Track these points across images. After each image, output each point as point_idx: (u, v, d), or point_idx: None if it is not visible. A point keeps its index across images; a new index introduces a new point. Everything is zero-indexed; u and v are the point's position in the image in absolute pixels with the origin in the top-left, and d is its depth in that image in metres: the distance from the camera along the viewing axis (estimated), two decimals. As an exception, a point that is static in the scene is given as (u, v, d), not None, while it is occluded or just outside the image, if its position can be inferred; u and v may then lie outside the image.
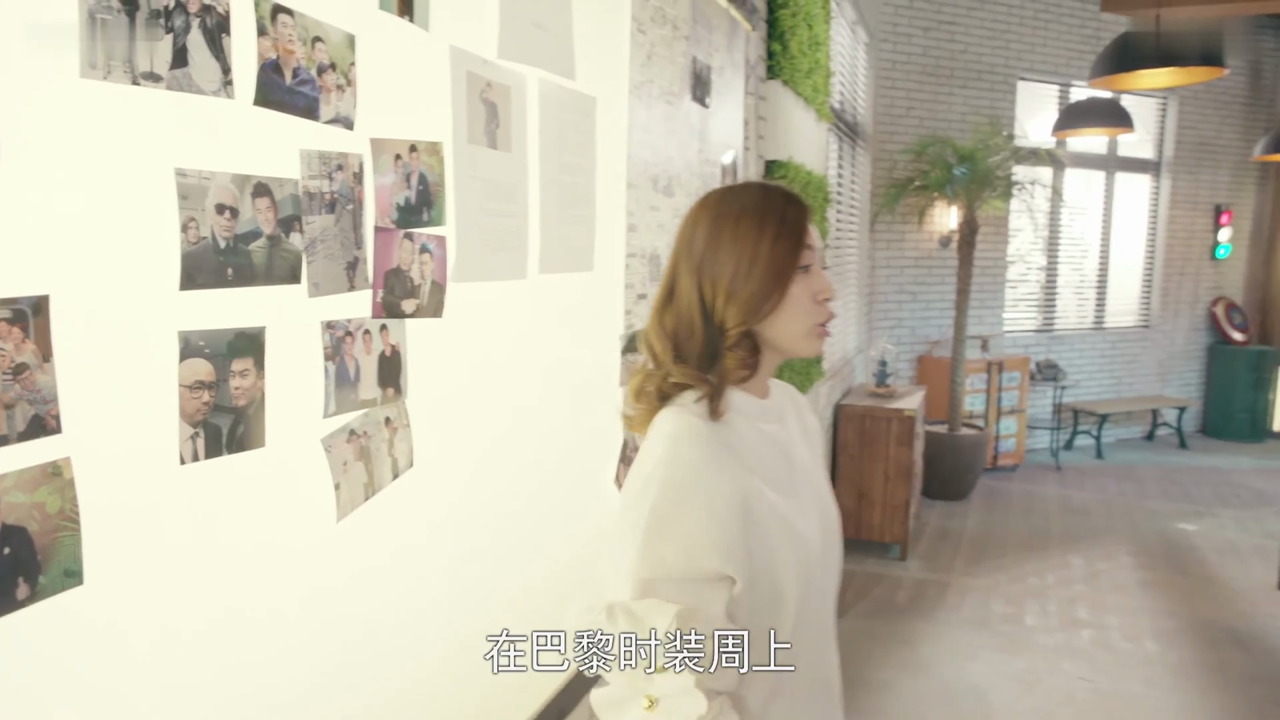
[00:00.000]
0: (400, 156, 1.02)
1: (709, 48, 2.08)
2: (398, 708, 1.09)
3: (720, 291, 0.97)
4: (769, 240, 0.97)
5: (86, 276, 0.69)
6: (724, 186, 1.06)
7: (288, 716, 0.91)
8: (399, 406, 1.04)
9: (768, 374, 1.06)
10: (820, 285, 1.01)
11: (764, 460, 0.99)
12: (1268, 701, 3.18)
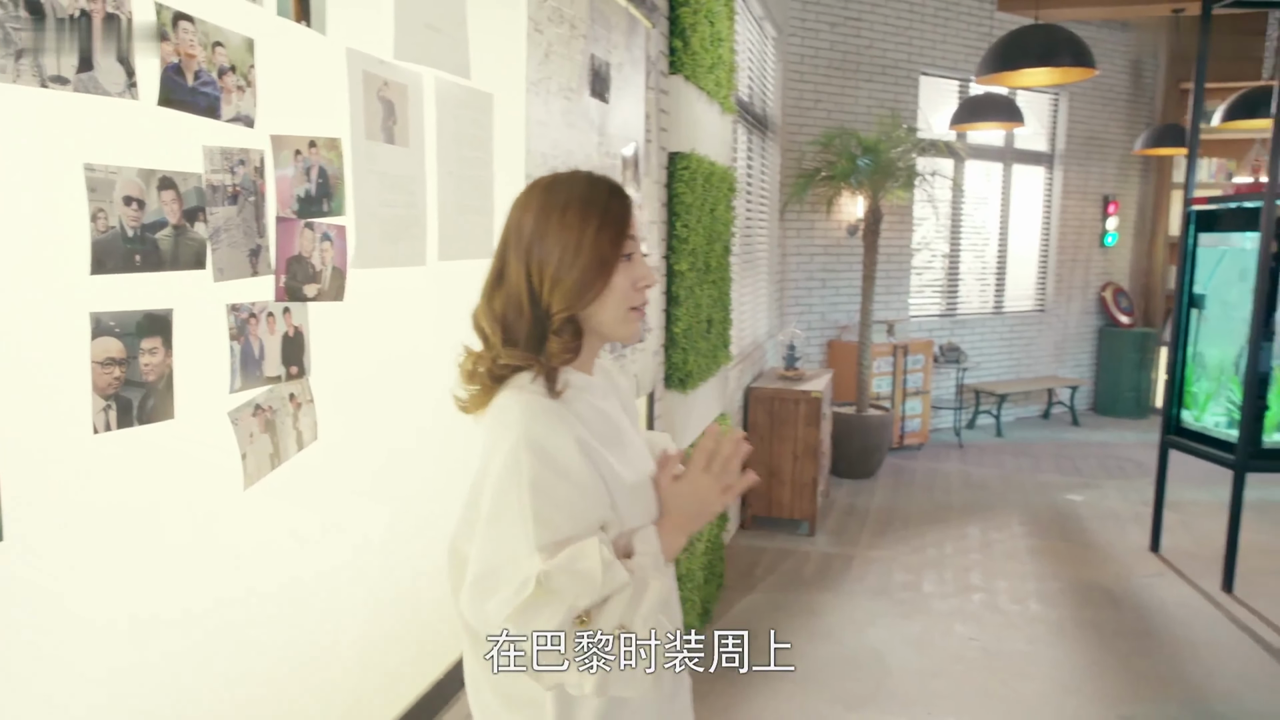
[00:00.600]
0: (300, 152, 1.09)
1: (608, 45, 2.18)
2: (305, 665, 1.17)
3: (547, 278, 1.04)
4: (593, 230, 1.05)
5: (2, 261, 0.76)
6: (552, 174, 1.12)
7: (199, 669, 0.99)
8: (303, 384, 1.12)
9: (592, 355, 1.14)
10: (641, 273, 1.09)
11: (597, 429, 1.08)
12: (1134, 654, 3.46)
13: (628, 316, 1.10)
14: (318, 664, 1.20)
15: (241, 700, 1.05)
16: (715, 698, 3.08)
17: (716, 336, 3.50)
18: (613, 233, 1.06)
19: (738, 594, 3.97)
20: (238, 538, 1.03)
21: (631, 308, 1.10)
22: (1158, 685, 3.22)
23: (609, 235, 1.06)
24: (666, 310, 2.97)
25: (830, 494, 5.49)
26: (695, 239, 3.03)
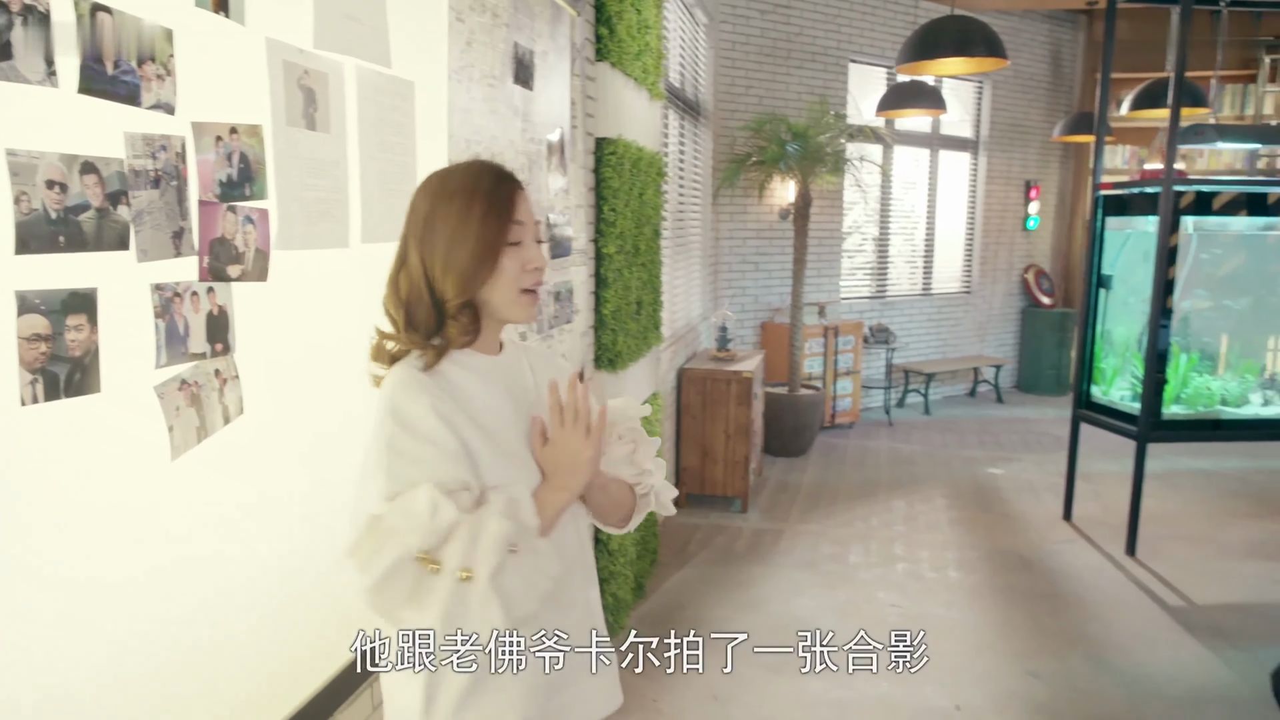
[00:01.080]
0: (221, 138, 1.14)
1: (531, 33, 2.24)
2: (230, 632, 1.23)
3: (438, 265, 1.11)
4: (477, 218, 1.11)
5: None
6: (446, 166, 1.19)
7: (127, 637, 1.04)
8: (228, 360, 1.17)
9: (493, 336, 1.21)
10: (529, 256, 1.15)
11: (479, 404, 1.13)
12: (1044, 613, 3.66)
13: (519, 299, 1.16)
14: (242, 632, 1.25)
15: (168, 666, 1.11)
16: (647, 664, 3.18)
17: (647, 318, 3.59)
18: (497, 219, 1.12)
19: (671, 569, 4.08)
20: (165, 508, 1.08)
21: (523, 290, 1.15)
22: (1063, 642, 3.42)
23: (494, 222, 1.12)
24: (595, 292, 3.05)
25: (763, 472, 5.64)
26: (623, 223, 3.11)
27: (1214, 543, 4.50)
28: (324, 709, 1.44)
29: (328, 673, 1.45)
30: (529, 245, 1.16)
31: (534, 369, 1.28)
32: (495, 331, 1.21)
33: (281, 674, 1.35)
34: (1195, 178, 4.76)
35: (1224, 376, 4.46)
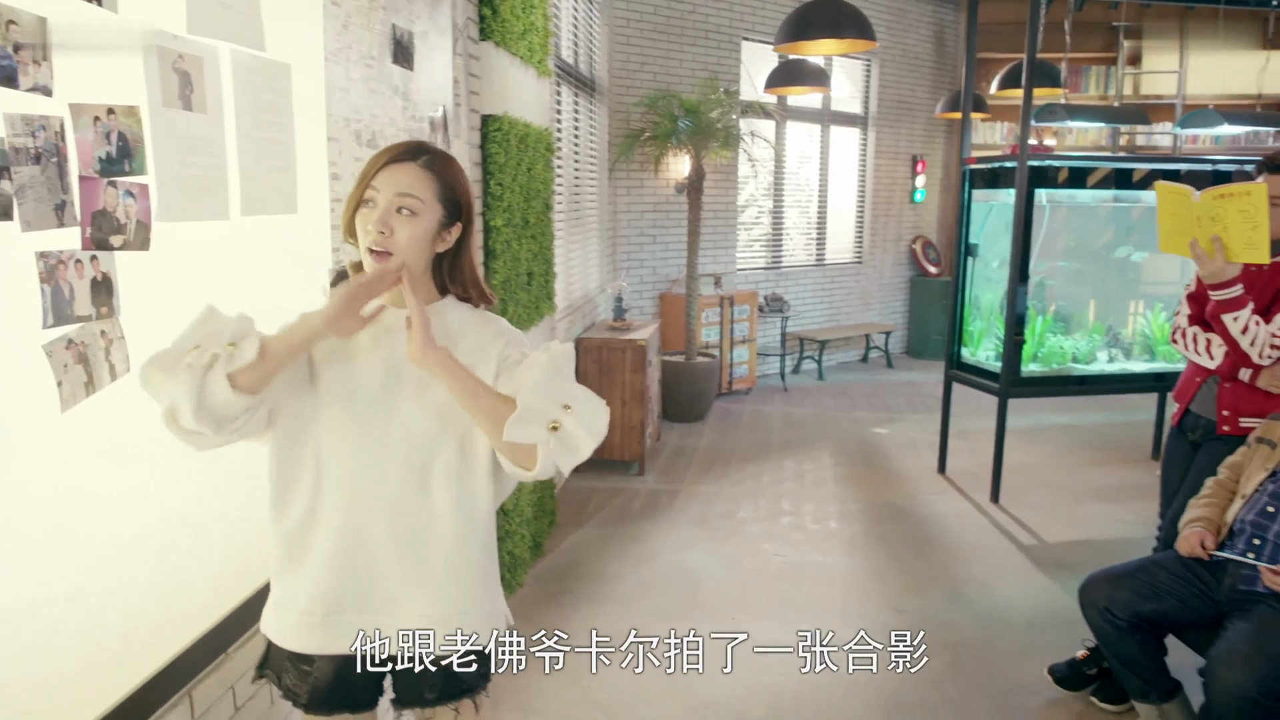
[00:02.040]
0: (99, 118, 1.24)
1: (410, 15, 2.35)
2: (111, 576, 1.35)
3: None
4: (360, 176, 1.35)
5: None
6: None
7: (12, 576, 1.15)
8: (113, 322, 1.28)
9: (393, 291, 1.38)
10: (374, 217, 1.31)
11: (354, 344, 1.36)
12: (912, 558, 3.98)
13: (367, 257, 1.33)
14: (122, 575, 1.37)
15: (62, 600, 1.22)
16: (543, 617, 3.37)
17: (538, 289, 3.73)
18: (359, 183, 1.34)
19: (569, 530, 4.26)
20: (56, 455, 1.19)
21: (369, 249, 1.32)
22: (928, 582, 3.74)
23: (357, 186, 1.34)
24: (485, 264, 3.17)
25: (661, 437, 5.86)
26: (511, 196, 3.24)
27: (1068, 489, 4.93)
28: (219, 644, 1.56)
29: (214, 615, 1.57)
30: (379, 208, 1.31)
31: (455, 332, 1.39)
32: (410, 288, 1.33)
33: (176, 609, 1.47)
34: (1046, 153, 5.13)
35: (1075, 336, 4.86)
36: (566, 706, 2.79)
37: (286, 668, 1.42)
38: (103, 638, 1.32)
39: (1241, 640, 2.10)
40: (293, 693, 1.43)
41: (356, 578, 1.38)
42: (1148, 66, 8.54)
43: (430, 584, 1.40)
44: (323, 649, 1.40)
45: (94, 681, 1.30)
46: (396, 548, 1.39)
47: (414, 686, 1.44)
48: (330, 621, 1.38)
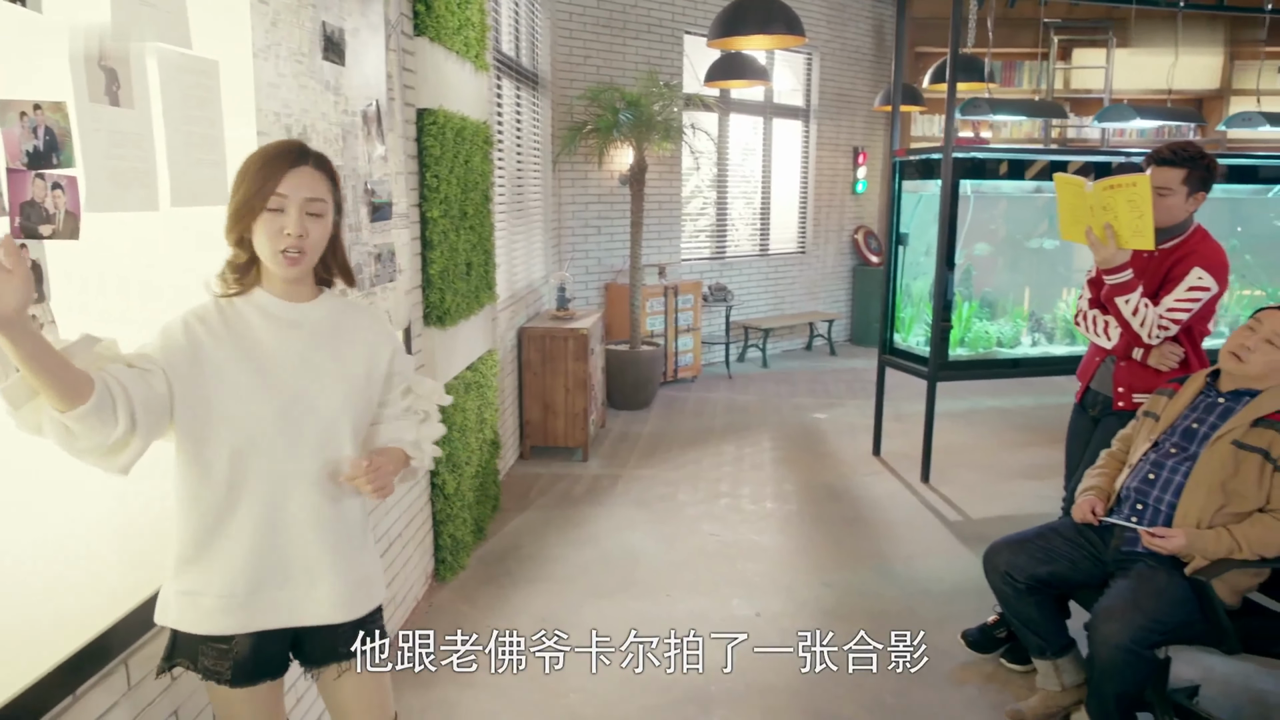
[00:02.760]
0: (25, 113, 1.31)
1: (340, 12, 2.42)
2: (59, 541, 1.42)
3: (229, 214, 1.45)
4: (241, 192, 1.42)
5: None
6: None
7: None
8: (43, 307, 1.35)
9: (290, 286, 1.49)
10: (284, 223, 1.42)
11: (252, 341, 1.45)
12: (843, 535, 4.15)
13: (277, 257, 1.44)
14: (65, 532, 1.45)
15: (25, 571, 1.30)
16: (484, 597, 3.47)
17: (478, 278, 3.81)
18: (259, 185, 1.41)
19: (513, 514, 4.36)
20: (-9, 433, 1.26)
21: (280, 250, 1.43)
22: (857, 557, 3.90)
23: (254, 187, 1.42)
24: (422, 254, 3.25)
25: (606, 424, 5.97)
26: (447, 188, 3.32)
27: (994, 468, 5.14)
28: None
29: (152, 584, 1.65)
30: (288, 214, 1.42)
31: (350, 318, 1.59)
32: (277, 283, 1.48)
33: (115, 570, 1.55)
34: (971, 145, 5.33)
35: (1000, 322, 5.07)
36: (504, 677, 2.90)
37: (203, 651, 1.50)
38: (40, 600, 1.39)
39: (1119, 596, 2.27)
40: (214, 672, 1.51)
41: (278, 556, 1.50)
42: (1077, 62, 8.84)
43: (343, 554, 1.55)
44: (244, 627, 1.49)
45: (40, 638, 1.38)
46: (314, 525, 1.51)
47: (329, 645, 1.58)
48: (252, 601, 1.49)
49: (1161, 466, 2.43)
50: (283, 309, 1.49)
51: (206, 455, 1.43)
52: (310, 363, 1.49)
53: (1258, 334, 2.33)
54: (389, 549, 2.98)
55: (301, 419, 1.47)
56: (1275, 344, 2.29)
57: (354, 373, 1.55)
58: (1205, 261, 2.77)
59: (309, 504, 1.50)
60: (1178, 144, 2.82)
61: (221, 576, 1.46)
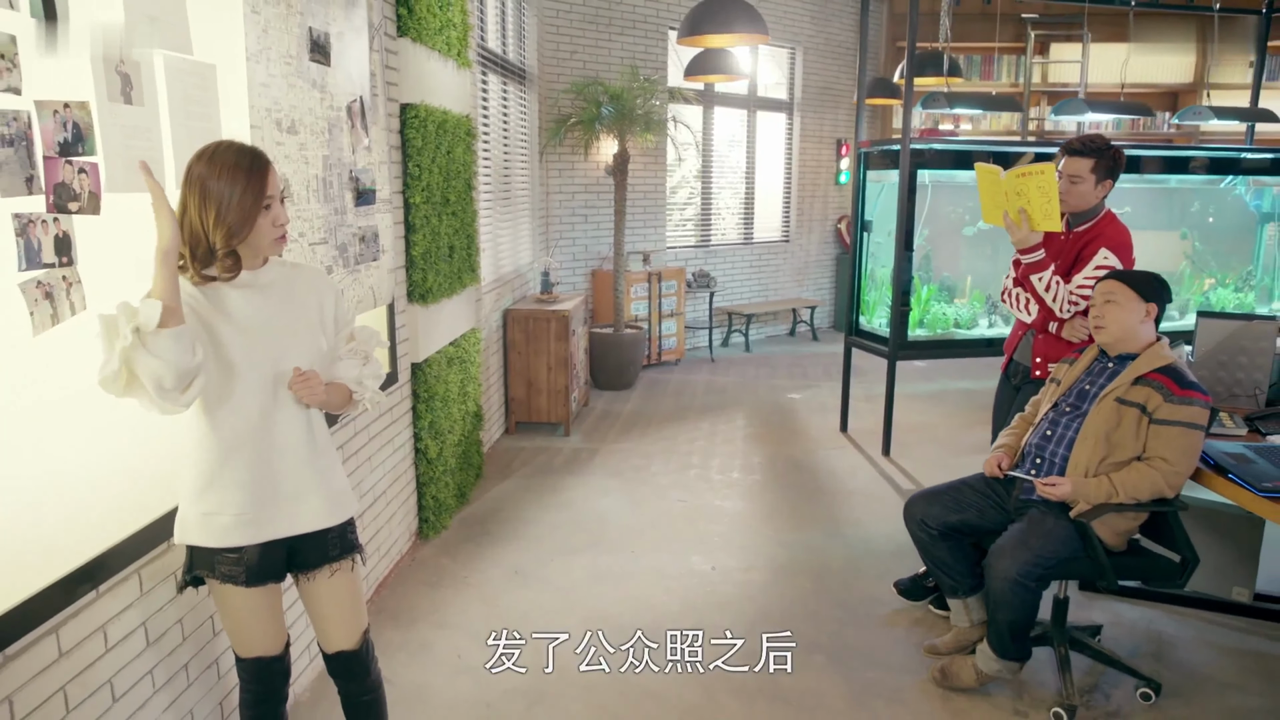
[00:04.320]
0: (58, 111, 1.61)
1: (325, 18, 2.71)
2: (78, 452, 1.72)
3: (210, 221, 1.65)
4: (239, 191, 1.66)
5: None
6: (215, 143, 1.71)
7: (11, 455, 1.52)
8: (72, 270, 1.65)
9: (255, 259, 1.77)
10: (276, 215, 1.72)
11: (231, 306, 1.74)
12: (802, 501, 4.45)
13: (274, 243, 1.76)
14: (89, 457, 1.75)
15: (59, 485, 1.60)
16: (463, 554, 3.77)
17: (460, 261, 4.11)
18: (254, 195, 1.68)
19: (495, 482, 4.67)
20: (30, 366, 1.56)
21: (277, 238, 1.76)
22: (812, 521, 4.21)
23: (251, 198, 1.67)
24: (405, 237, 3.55)
25: (589, 403, 6.28)
26: (429, 177, 3.61)
27: (952, 443, 5.43)
28: (165, 530, 1.95)
29: (167, 501, 1.95)
30: (275, 208, 1.73)
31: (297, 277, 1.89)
32: (255, 258, 1.78)
33: (130, 493, 1.85)
34: (934, 138, 5.60)
35: (958, 304, 5.35)
36: (474, 620, 3.21)
37: (220, 560, 1.82)
38: (67, 514, 1.69)
39: (1011, 536, 2.57)
40: (230, 576, 1.82)
41: (274, 479, 1.82)
42: (1054, 57, 9.09)
43: (321, 473, 1.89)
44: (253, 539, 1.81)
45: (68, 544, 1.68)
46: (297, 452, 1.85)
47: (320, 550, 1.92)
48: (259, 517, 1.81)
49: (1057, 424, 2.72)
50: (246, 276, 1.77)
51: (211, 401, 1.74)
52: (277, 317, 1.80)
53: (1099, 302, 2.63)
54: (374, 504, 3.28)
55: (280, 364, 1.78)
56: (1113, 300, 2.59)
57: (310, 319, 1.87)
58: (1111, 243, 3.06)
59: (293, 435, 1.83)
60: (1088, 136, 3.10)
61: (233, 499, 1.78)
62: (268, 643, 1.93)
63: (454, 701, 2.71)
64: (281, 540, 1.86)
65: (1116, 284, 2.66)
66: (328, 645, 1.99)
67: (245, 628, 1.89)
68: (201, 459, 1.78)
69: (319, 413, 1.91)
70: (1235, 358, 3.15)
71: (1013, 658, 2.64)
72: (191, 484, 1.79)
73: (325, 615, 1.98)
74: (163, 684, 2.02)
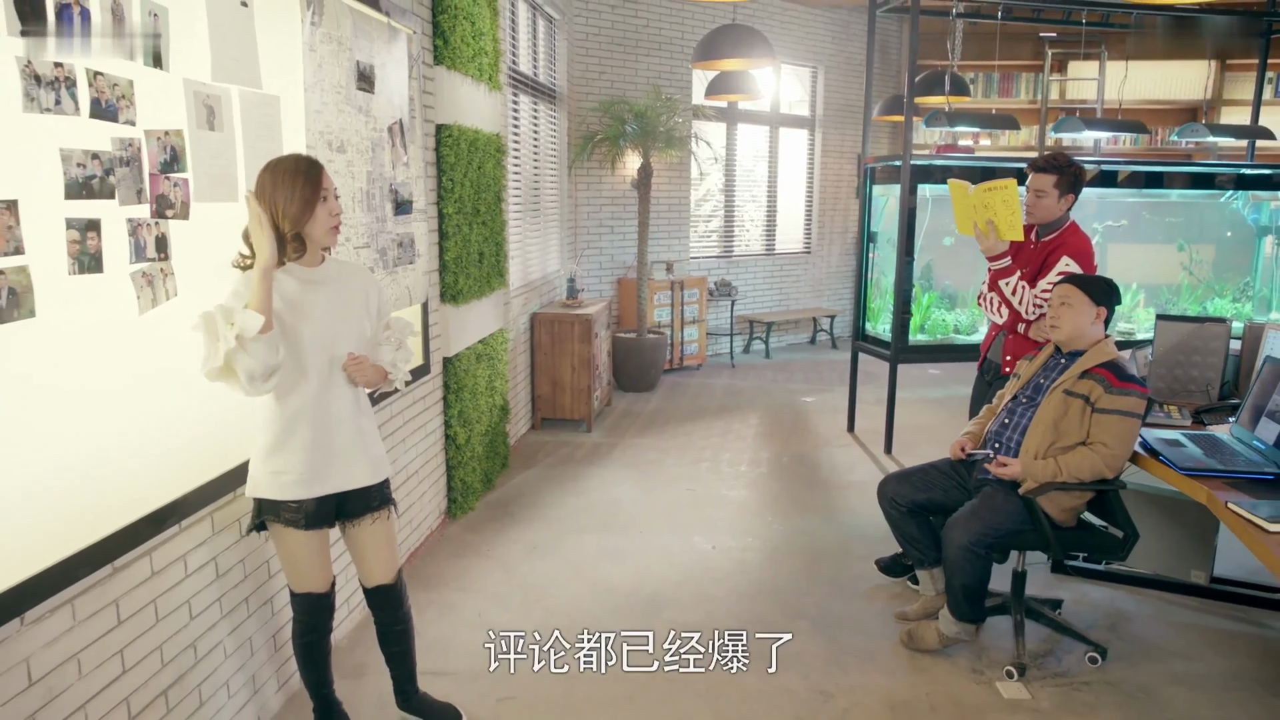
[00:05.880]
0: (160, 137, 2.02)
1: (370, 52, 3.13)
2: (176, 415, 2.13)
3: (279, 212, 2.05)
4: (300, 186, 2.06)
5: (33, 194, 1.67)
6: (277, 157, 2.13)
7: (125, 419, 1.93)
8: (168, 264, 2.06)
9: (315, 255, 2.16)
10: (332, 208, 2.12)
11: (294, 297, 2.12)
12: (803, 491, 4.77)
13: (330, 233, 2.15)
14: (181, 415, 2.15)
15: (155, 439, 2.00)
16: (487, 531, 4.16)
17: (489, 266, 4.51)
18: (310, 188, 2.08)
19: (519, 472, 5.05)
20: (138, 341, 1.97)
21: (332, 227, 2.14)
22: (809, 508, 4.53)
23: (309, 188, 2.08)
24: (439, 243, 3.96)
25: (612, 402, 6.65)
26: (461, 189, 4.02)
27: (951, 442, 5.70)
28: (238, 478, 2.35)
29: (236, 457, 2.36)
30: (331, 201, 2.12)
31: (348, 274, 2.28)
32: (316, 250, 2.17)
33: (208, 449, 2.26)
34: (939, 155, 5.90)
35: (957, 311, 5.65)
36: (494, 585, 3.59)
37: (284, 509, 2.21)
38: (157, 463, 2.10)
39: (966, 510, 2.89)
40: (293, 521, 2.22)
41: (329, 445, 2.22)
42: (1072, 74, 9.33)
43: (365, 440, 2.31)
44: (311, 494, 2.21)
45: (158, 486, 2.09)
46: (350, 423, 2.26)
47: (364, 502, 2.32)
48: (316, 476, 2.21)
49: (1014, 413, 3.04)
50: (308, 274, 2.17)
51: (283, 382, 2.13)
52: (333, 309, 2.19)
53: (1055, 304, 2.95)
54: (406, 481, 3.68)
55: (334, 348, 2.18)
56: (1068, 303, 2.90)
57: (358, 309, 2.27)
58: (1073, 251, 3.37)
59: (344, 408, 2.24)
60: (1052, 154, 3.42)
61: (297, 461, 2.17)
62: (317, 580, 2.32)
63: (475, 652, 3.08)
64: (333, 495, 2.25)
65: (1072, 288, 2.97)
66: (369, 580, 2.39)
67: (301, 566, 2.29)
68: (271, 428, 2.17)
69: (364, 390, 2.31)
70: (1190, 357, 3.44)
71: (968, 619, 2.95)
72: (263, 448, 2.18)
73: (367, 556, 2.37)
74: (228, 611, 2.42)
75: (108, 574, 1.93)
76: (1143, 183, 5.68)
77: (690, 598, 3.50)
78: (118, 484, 1.94)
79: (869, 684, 2.90)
